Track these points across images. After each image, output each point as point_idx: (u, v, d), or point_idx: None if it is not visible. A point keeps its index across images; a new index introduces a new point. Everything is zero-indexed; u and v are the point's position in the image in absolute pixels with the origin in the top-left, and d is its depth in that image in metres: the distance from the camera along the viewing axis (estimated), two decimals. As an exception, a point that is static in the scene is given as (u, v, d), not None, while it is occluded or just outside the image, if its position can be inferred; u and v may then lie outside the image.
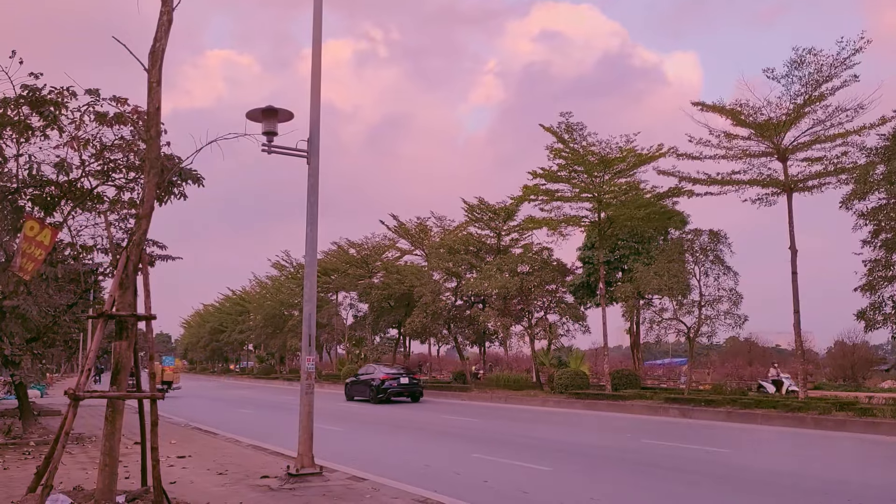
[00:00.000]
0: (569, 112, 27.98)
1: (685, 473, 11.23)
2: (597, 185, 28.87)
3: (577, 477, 11.09)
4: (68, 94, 12.89)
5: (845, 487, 10.04)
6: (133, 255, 7.35)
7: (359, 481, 9.80)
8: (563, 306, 34.17)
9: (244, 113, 10.23)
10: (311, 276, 10.78)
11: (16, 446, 13.63)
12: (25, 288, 13.30)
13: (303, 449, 10.14)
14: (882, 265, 20.70)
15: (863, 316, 21.19)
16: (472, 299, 39.18)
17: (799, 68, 22.61)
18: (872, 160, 21.23)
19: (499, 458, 12.94)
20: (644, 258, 32.42)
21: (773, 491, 9.76)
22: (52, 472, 6.54)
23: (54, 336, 16.85)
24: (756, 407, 21.28)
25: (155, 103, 7.51)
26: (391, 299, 45.25)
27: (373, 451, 14.33)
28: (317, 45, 10.94)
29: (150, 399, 7.26)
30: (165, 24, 7.58)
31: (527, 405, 28.01)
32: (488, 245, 39.43)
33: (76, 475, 9.95)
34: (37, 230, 9.20)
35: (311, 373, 10.50)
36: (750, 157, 24.71)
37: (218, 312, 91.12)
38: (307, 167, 10.72)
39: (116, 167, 13.72)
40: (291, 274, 62.00)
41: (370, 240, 50.35)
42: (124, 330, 7.26)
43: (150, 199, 7.54)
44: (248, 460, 12.06)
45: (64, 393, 7.44)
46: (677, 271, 25.45)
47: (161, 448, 7.56)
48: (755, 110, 23.72)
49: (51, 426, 17.08)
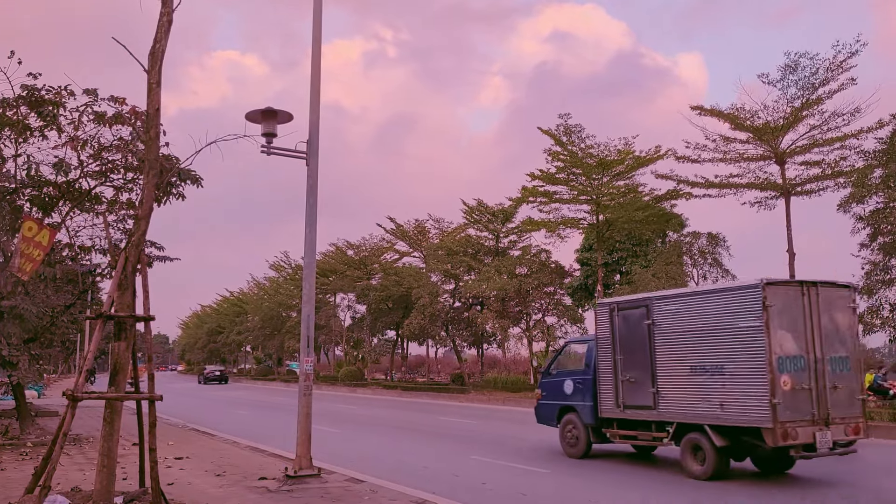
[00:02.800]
0: (567, 114, 28.04)
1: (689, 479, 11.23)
2: (595, 187, 28.89)
3: (575, 479, 11.09)
4: (67, 93, 12.89)
5: (844, 490, 10.05)
6: (132, 256, 7.34)
7: (357, 483, 9.79)
8: (561, 308, 34.18)
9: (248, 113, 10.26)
10: (309, 277, 10.78)
11: (13, 447, 13.60)
12: (23, 288, 13.29)
13: (301, 450, 10.13)
14: (880, 268, 20.74)
15: (860, 319, 21.21)
16: (471, 301, 39.17)
17: (794, 72, 22.70)
18: (870, 164, 21.28)
19: (497, 460, 12.93)
20: (642, 260, 32.47)
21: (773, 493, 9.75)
22: (50, 473, 6.53)
23: (52, 337, 16.84)
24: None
25: (154, 104, 7.50)
26: (389, 301, 45.24)
27: (371, 453, 14.31)
28: (316, 49, 10.95)
29: (148, 400, 7.25)
30: (165, 25, 7.58)
31: (525, 407, 27.96)
32: (487, 247, 39.44)
33: (74, 476, 9.93)
34: (35, 231, 9.19)
35: (310, 374, 10.49)
36: (748, 161, 24.77)
37: (216, 313, 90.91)
38: (306, 168, 10.73)
39: (115, 168, 13.71)
40: (290, 275, 61.93)
41: (368, 241, 50.33)
42: (123, 331, 7.25)
43: (148, 200, 7.53)
44: (246, 462, 12.05)
45: (62, 394, 7.44)
46: (675, 274, 25.51)
47: (159, 449, 7.55)
48: (752, 114, 23.79)
49: (48, 427, 17.05)
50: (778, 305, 10.23)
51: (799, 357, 10.34)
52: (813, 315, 10.58)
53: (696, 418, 10.90)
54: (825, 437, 10.13)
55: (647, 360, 11.82)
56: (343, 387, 45.82)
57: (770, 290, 10.21)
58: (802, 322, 10.50)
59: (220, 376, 65.39)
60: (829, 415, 10.29)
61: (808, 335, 10.49)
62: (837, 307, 10.94)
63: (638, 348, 12.05)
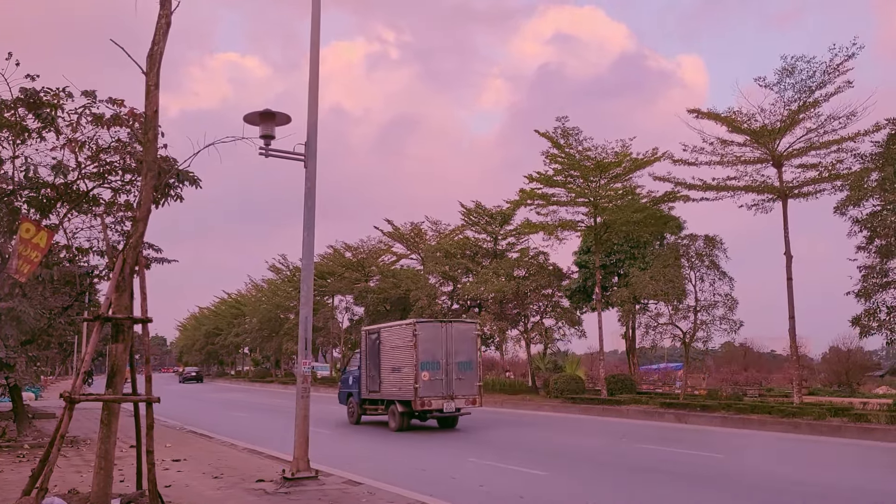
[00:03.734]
0: (565, 117, 28.07)
1: (681, 478, 11.25)
2: (593, 189, 28.92)
3: (572, 482, 11.09)
4: (65, 95, 12.88)
5: (838, 492, 10.07)
6: (130, 257, 7.34)
7: (354, 485, 9.79)
8: (559, 310, 34.18)
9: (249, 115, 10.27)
10: (307, 279, 10.79)
11: (10, 449, 13.58)
12: (21, 290, 13.26)
13: (298, 453, 10.12)
14: (877, 272, 20.74)
15: (858, 322, 21.22)
16: (469, 303, 39.19)
17: (790, 76, 22.75)
18: (867, 167, 21.31)
19: (494, 462, 12.94)
20: (640, 263, 32.45)
21: (768, 495, 9.77)
22: (47, 475, 6.53)
23: (49, 338, 16.82)
24: (751, 412, 21.31)
25: (153, 106, 7.51)
26: (387, 303, 45.23)
27: (368, 455, 14.31)
28: (314, 52, 10.96)
29: (146, 402, 7.25)
30: (164, 27, 7.59)
31: (522, 409, 28.00)
32: (485, 249, 39.45)
33: (71, 478, 9.92)
34: (33, 232, 9.17)
35: (307, 376, 10.49)
36: (745, 164, 24.80)
37: (214, 315, 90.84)
38: (305, 170, 10.74)
39: (113, 169, 13.70)
40: (288, 277, 61.88)
41: (366, 243, 50.31)
42: (120, 333, 7.25)
43: (146, 202, 7.53)
44: (243, 464, 12.04)
45: (60, 395, 7.43)
46: (673, 276, 25.49)
47: (156, 451, 7.55)
48: (749, 117, 23.83)
49: (45, 429, 17.02)
50: (423, 334, 18.58)
51: (435, 362, 18.55)
52: (447, 338, 18.87)
53: (392, 396, 19.31)
54: (450, 405, 18.56)
55: (377, 364, 20.12)
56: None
57: (419, 325, 18.79)
58: (440, 342, 18.75)
59: (196, 376, 77.09)
60: (454, 393, 18.67)
61: (443, 349, 18.73)
62: (464, 333, 19.36)
63: (374, 357, 20.38)
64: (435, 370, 18.37)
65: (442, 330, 18.95)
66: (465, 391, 18.86)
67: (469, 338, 19.35)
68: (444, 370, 18.52)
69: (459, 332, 19.23)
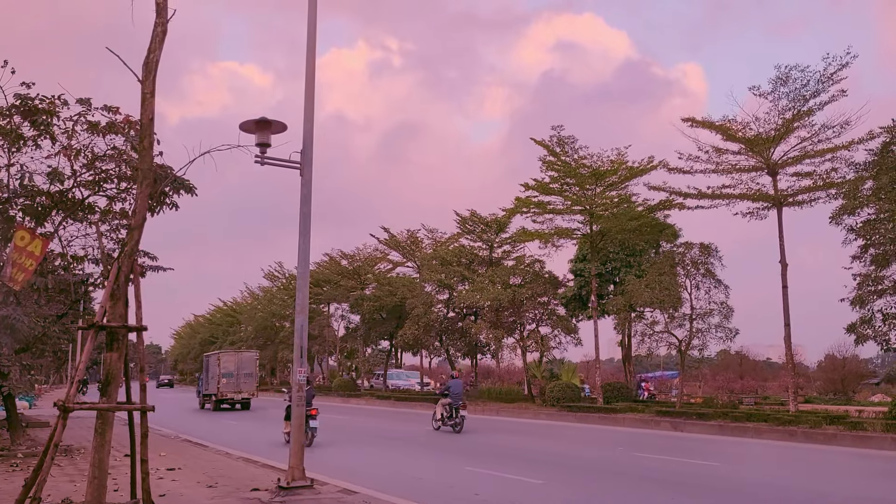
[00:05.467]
0: (560, 126, 28.16)
1: (677, 486, 11.23)
2: (588, 197, 28.98)
3: (569, 490, 11.07)
4: (60, 102, 12.87)
5: (833, 500, 10.07)
6: (125, 265, 7.32)
7: (350, 494, 9.75)
8: (555, 318, 34.15)
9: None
10: (303, 287, 10.77)
11: (3, 458, 13.48)
12: (15, 298, 13.21)
13: (294, 461, 10.08)
14: (872, 280, 20.82)
15: (853, 330, 21.29)
16: (465, 311, 39.15)
17: (784, 84, 22.88)
18: (861, 175, 21.42)
19: (491, 470, 12.90)
20: (636, 271, 32.46)
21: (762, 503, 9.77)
22: (41, 485, 6.48)
23: (44, 347, 16.72)
24: (747, 420, 21.32)
25: (148, 114, 7.50)
26: (383, 311, 45.16)
27: (364, 464, 14.25)
28: (310, 61, 10.99)
29: (140, 411, 7.21)
30: (160, 35, 7.59)
31: (519, 418, 27.95)
32: (480, 257, 39.45)
33: (65, 487, 9.86)
34: (27, 240, 9.15)
35: (303, 384, 10.46)
36: (740, 172, 24.90)
37: (209, 323, 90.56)
38: (300, 178, 10.74)
39: (108, 177, 13.68)
40: (283, 285, 61.79)
41: (362, 251, 50.29)
42: (115, 341, 7.22)
43: (142, 210, 7.52)
44: (238, 473, 11.98)
45: (54, 404, 7.38)
46: (668, 284, 25.51)
47: (151, 460, 7.51)
48: (744, 125, 23.94)
49: (39, 437, 16.93)
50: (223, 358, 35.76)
51: (230, 373, 35.25)
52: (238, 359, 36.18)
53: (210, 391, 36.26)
54: (235, 398, 35.16)
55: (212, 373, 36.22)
56: (336, 397, 45.65)
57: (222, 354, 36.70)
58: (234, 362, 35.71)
59: (168, 382, 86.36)
60: (240, 391, 35.25)
61: (235, 366, 35.55)
62: (247, 357, 36.90)
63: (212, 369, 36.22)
64: (230, 378, 35.23)
65: (236, 355, 36.93)
66: (248, 389, 35.66)
67: (250, 359, 36.69)
68: (235, 377, 35.35)
69: (245, 355, 36.95)
